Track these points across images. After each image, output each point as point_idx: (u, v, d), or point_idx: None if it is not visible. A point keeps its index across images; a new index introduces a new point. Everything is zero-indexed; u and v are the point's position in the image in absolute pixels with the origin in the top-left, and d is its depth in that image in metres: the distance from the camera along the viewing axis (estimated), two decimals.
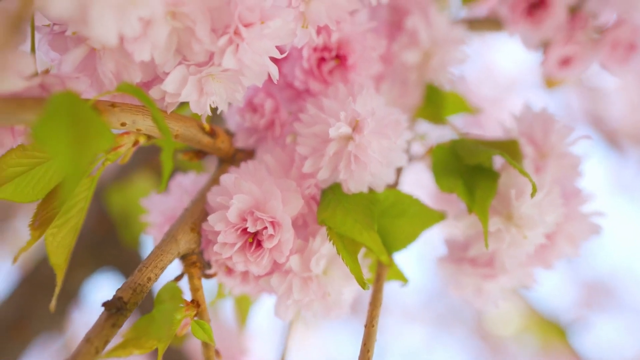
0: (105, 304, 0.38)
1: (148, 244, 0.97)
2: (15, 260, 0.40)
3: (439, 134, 0.63)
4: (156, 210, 0.52)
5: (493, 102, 1.68)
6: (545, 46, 0.58)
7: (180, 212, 0.49)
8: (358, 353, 0.44)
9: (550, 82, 0.66)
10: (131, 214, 0.91)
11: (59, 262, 0.43)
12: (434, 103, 0.58)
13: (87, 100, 0.37)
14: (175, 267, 0.46)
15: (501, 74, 1.85)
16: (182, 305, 0.40)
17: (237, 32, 0.39)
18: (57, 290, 0.43)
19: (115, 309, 0.38)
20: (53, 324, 0.87)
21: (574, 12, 0.56)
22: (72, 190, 0.28)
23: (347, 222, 0.43)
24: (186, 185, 0.52)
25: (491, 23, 0.68)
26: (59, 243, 0.43)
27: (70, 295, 0.88)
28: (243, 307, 0.63)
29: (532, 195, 0.44)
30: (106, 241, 0.92)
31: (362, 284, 0.43)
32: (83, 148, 0.29)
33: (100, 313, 0.39)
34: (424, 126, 0.62)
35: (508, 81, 1.85)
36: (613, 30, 0.55)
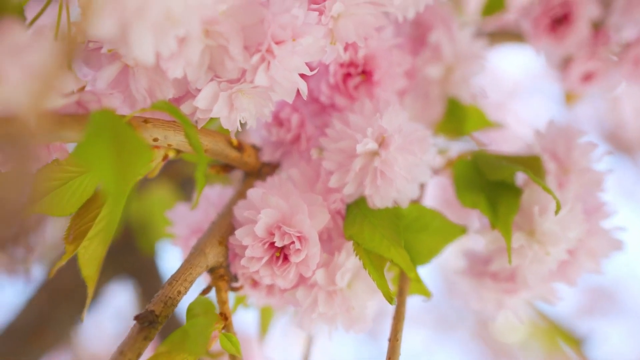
0: (137, 317, 0.39)
1: (164, 252, 0.98)
2: (51, 274, 0.41)
3: (458, 146, 0.63)
4: (182, 223, 0.52)
5: (497, 107, 1.68)
6: (566, 61, 0.58)
7: (206, 224, 0.50)
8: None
9: (569, 97, 0.66)
10: (148, 222, 0.92)
11: (91, 274, 0.44)
12: (456, 117, 0.58)
13: (123, 117, 0.37)
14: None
15: (504, 78, 1.85)
16: (215, 320, 0.41)
17: (269, 50, 0.39)
18: (88, 301, 0.43)
19: (147, 322, 0.39)
20: (72, 331, 0.88)
21: (596, 27, 0.56)
22: (117, 208, 0.28)
23: (375, 238, 0.44)
24: (212, 198, 0.53)
25: (511, 36, 0.68)
26: (91, 255, 0.43)
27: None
28: (265, 316, 0.63)
29: (556, 212, 0.45)
30: (123, 249, 0.92)
31: (389, 299, 0.43)
32: (125, 167, 0.30)
33: (132, 326, 0.39)
34: (443, 138, 0.62)
35: (511, 86, 1.85)
36: (635, 46, 0.55)
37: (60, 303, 0.84)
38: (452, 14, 0.57)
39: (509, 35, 0.67)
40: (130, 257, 0.93)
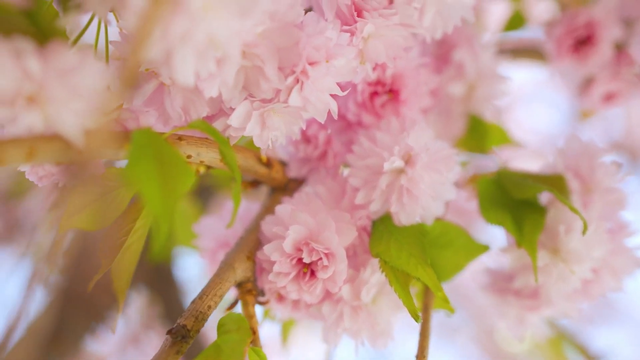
0: (170, 332, 0.39)
1: (179, 261, 0.99)
2: (89, 289, 0.41)
3: (479, 161, 0.64)
4: (208, 236, 0.53)
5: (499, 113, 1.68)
6: (587, 81, 0.59)
7: (232, 238, 0.50)
8: None
9: (585, 114, 0.67)
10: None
11: (122, 286, 0.44)
12: (477, 134, 0.59)
13: (162, 135, 0.38)
14: None
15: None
16: (249, 336, 0.41)
17: (303, 71, 0.40)
18: (119, 312, 0.44)
19: (180, 336, 0.39)
20: (88, 337, 0.89)
21: (619, 49, 0.57)
22: (166, 229, 0.29)
23: (402, 257, 0.44)
24: (239, 212, 0.53)
25: (530, 53, 0.69)
26: (122, 268, 0.44)
27: (105, 310, 0.90)
28: (286, 326, 0.64)
29: (584, 232, 0.45)
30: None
31: (415, 316, 0.44)
32: (171, 190, 0.31)
33: (164, 340, 0.40)
34: (464, 154, 0.63)
35: (513, 92, 1.85)
36: None
37: (77, 309, 0.85)
38: (476, 33, 0.58)
39: (528, 52, 0.68)
40: (145, 264, 0.94)
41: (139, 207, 0.43)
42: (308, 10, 0.44)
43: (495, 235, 0.56)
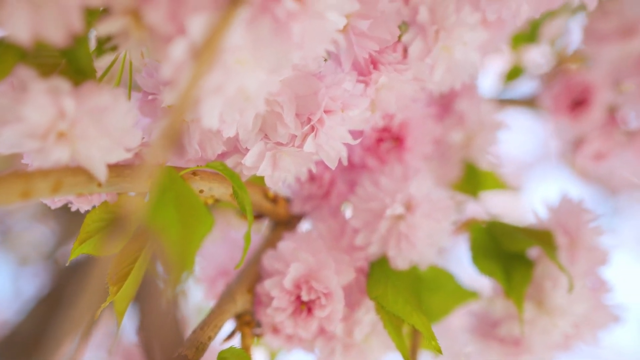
0: None
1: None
2: (96, 317, 0.42)
3: (469, 207, 0.66)
4: (209, 263, 0.54)
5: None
6: (579, 139, 0.62)
7: (231, 266, 0.52)
8: None
9: (577, 169, 0.70)
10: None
11: (121, 309, 0.45)
12: (472, 180, 0.61)
13: (179, 171, 0.39)
14: None
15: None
16: None
17: (320, 120, 0.42)
18: (116, 336, 0.45)
19: None
20: (70, 344, 0.88)
21: (611, 111, 0.60)
22: (180, 277, 0.31)
23: (399, 302, 0.46)
24: (239, 241, 0.55)
25: (526, 102, 0.72)
26: (123, 293, 0.45)
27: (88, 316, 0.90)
28: (273, 354, 0.65)
29: (570, 290, 0.47)
30: None
31: (407, 358, 0.46)
32: (191, 238, 0.32)
33: None
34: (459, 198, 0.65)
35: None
36: None
37: (59, 317, 0.85)
38: (477, 84, 0.60)
39: (525, 102, 0.71)
40: None
41: (145, 237, 0.44)
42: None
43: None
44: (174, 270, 0.30)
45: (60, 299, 0.87)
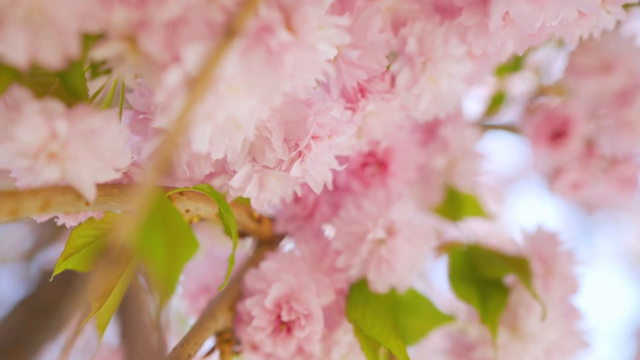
0: None
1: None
2: (77, 333, 0.42)
3: (447, 230, 0.68)
4: (191, 279, 0.55)
5: None
6: (557, 169, 0.63)
7: (213, 282, 0.52)
8: None
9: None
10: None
11: (102, 323, 0.45)
12: (453, 204, 0.63)
13: (166, 191, 0.40)
14: None
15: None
16: None
17: (307, 146, 0.42)
18: (97, 349, 0.45)
19: None
20: (48, 349, 0.88)
21: (589, 143, 0.62)
22: (166, 299, 0.31)
23: (376, 326, 0.47)
24: (221, 258, 0.55)
25: (508, 128, 0.73)
26: (105, 307, 0.45)
27: (69, 322, 0.89)
28: None
29: (543, 318, 0.49)
30: None
31: None
32: (176, 261, 0.33)
33: None
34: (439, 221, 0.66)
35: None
36: (623, 166, 0.61)
37: (37, 321, 0.84)
38: (461, 111, 0.62)
39: (507, 127, 0.72)
40: None
41: (129, 254, 0.44)
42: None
43: None
44: (158, 292, 0.31)
45: (39, 302, 0.87)
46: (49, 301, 0.87)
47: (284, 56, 0.35)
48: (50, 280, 0.42)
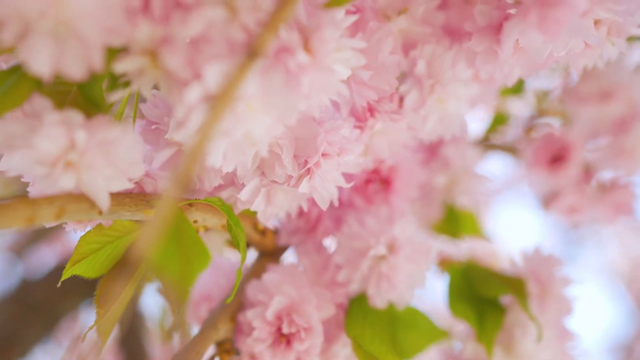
0: None
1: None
2: (83, 339, 0.43)
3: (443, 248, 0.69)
4: (194, 288, 0.55)
5: None
6: (553, 193, 0.65)
7: (215, 291, 0.53)
8: None
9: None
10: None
11: (106, 330, 0.46)
12: (452, 222, 0.64)
13: (178, 203, 0.40)
14: None
15: None
16: None
17: (316, 163, 0.43)
18: (99, 356, 0.46)
19: None
20: (40, 347, 0.88)
21: (586, 169, 0.63)
22: (182, 310, 0.32)
23: (375, 342, 0.48)
24: (224, 267, 0.56)
25: (509, 149, 0.75)
26: (110, 314, 0.46)
27: (61, 319, 0.89)
28: None
29: (539, 340, 0.50)
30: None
31: None
32: (188, 273, 0.33)
33: None
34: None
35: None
36: (618, 192, 0.62)
37: (29, 319, 0.84)
38: (467, 132, 0.63)
39: (507, 148, 0.74)
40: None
41: (136, 262, 0.45)
42: None
43: None
44: (172, 301, 0.31)
45: (30, 300, 0.87)
46: (41, 299, 0.87)
47: (302, 77, 0.36)
48: (58, 285, 0.43)
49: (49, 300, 0.89)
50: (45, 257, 1.25)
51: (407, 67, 0.48)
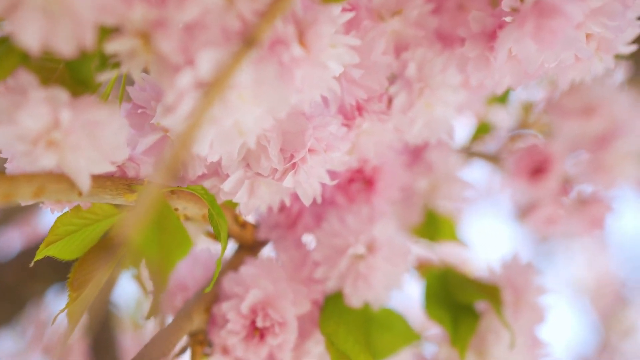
0: None
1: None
2: (53, 322, 0.42)
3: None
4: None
5: None
6: (531, 204, 0.66)
7: (190, 281, 0.52)
8: None
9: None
10: None
11: (76, 313, 0.45)
12: (431, 226, 0.64)
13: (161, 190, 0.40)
14: None
15: None
16: None
17: (303, 158, 0.43)
18: (66, 342, 0.45)
19: None
20: (6, 331, 0.86)
21: (565, 182, 0.64)
22: (159, 297, 0.31)
23: (349, 341, 0.48)
24: (201, 258, 0.55)
25: (491, 158, 0.75)
26: (82, 299, 0.45)
27: (28, 303, 0.88)
28: None
29: (512, 346, 0.50)
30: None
31: None
32: (169, 259, 0.33)
33: None
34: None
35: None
36: (595, 206, 0.63)
37: None
38: (453, 138, 0.63)
39: (490, 157, 0.74)
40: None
41: (112, 246, 0.44)
42: None
43: None
44: (149, 290, 0.31)
45: None
46: (7, 283, 0.85)
47: (295, 70, 0.35)
48: (30, 266, 0.42)
49: (15, 283, 0.87)
50: (11, 240, 1.22)
51: (398, 68, 0.48)
